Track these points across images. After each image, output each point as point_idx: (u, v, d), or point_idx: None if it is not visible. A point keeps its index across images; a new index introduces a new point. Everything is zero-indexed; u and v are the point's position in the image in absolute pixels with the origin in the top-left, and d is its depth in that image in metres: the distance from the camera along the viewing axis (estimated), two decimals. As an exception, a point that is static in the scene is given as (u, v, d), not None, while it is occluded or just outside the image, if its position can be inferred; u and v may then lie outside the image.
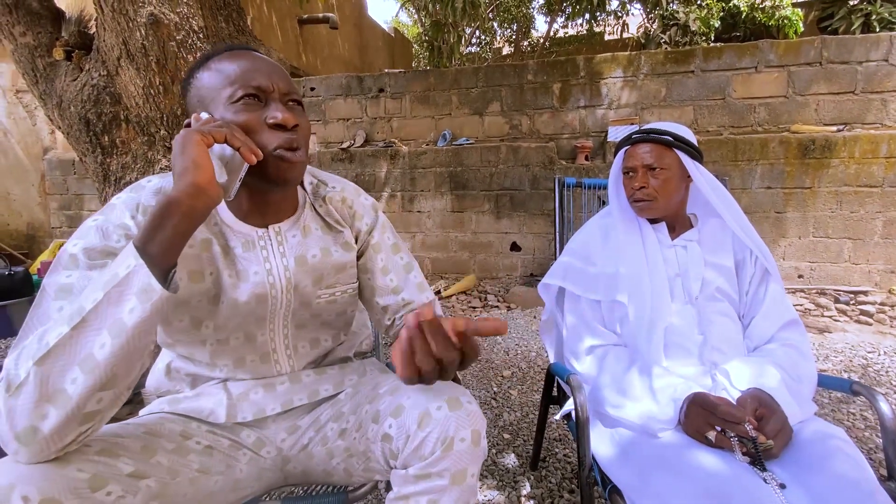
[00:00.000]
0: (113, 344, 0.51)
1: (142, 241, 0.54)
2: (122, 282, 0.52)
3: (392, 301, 0.83)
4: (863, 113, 3.45)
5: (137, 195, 0.68)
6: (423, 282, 0.86)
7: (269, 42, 4.99)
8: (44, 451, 0.50)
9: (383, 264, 0.84)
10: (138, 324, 0.52)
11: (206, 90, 0.67)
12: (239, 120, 0.64)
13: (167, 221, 0.54)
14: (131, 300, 0.51)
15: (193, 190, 0.55)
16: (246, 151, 0.60)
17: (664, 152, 1.03)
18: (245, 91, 0.65)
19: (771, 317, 1.00)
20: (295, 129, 0.67)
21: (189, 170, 0.56)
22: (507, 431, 1.73)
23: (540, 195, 3.81)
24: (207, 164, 0.57)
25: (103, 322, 0.51)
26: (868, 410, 1.84)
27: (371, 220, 0.84)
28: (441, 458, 0.61)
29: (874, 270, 3.27)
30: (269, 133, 0.65)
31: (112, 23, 1.40)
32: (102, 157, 1.63)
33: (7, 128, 4.55)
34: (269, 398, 0.78)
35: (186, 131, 0.59)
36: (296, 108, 0.70)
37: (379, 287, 0.83)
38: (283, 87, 0.68)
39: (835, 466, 0.70)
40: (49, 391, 0.49)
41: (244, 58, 0.69)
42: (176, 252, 0.56)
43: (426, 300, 0.84)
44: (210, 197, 0.57)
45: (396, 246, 0.86)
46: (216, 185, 0.58)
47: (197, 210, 0.56)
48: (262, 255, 0.74)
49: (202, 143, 0.58)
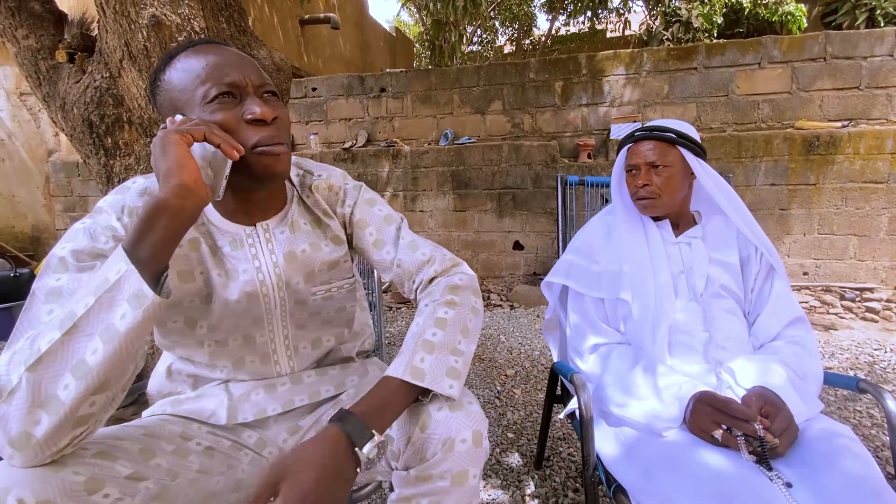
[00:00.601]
0: (105, 349, 0.50)
1: (131, 244, 0.53)
2: (112, 287, 0.51)
3: (396, 273, 0.80)
4: (868, 108, 3.42)
5: (123, 197, 0.68)
6: (414, 239, 0.81)
7: (270, 43, 4.99)
8: (38, 456, 0.50)
9: (374, 238, 0.81)
10: (130, 330, 0.51)
11: (177, 92, 0.65)
12: (216, 119, 0.63)
13: (156, 224, 0.54)
14: (122, 305, 0.51)
15: (181, 190, 0.55)
16: (227, 147, 0.60)
17: (667, 149, 1.02)
18: (219, 90, 0.63)
19: (776, 314, 0.99)
20: (274, 121, 0.66)
21: (174, 170, 0.55)
22: (510, 431, 1.73)
23: (542, 194, 3.80)
24: (191, 163, 0.57)
25: (95, 328, 0.50)
26: (875, 408, 1.83)
27: (353, 199, 0.82)
28: (442, 460, 0.61)
29: (880, 267, 3.25)
30: (248, 129, 0.64)
31: (114, 25, 1.40)
32: (106, 159, 1.63)
33: (11, 131, 4.57)
34: (270, 399, 0.78)
35: (164, 132, 0.57)
36: (272, 100, 0.68)
37: (378, 263, 0.81)
38: (255, 80, 0.66)
39: (841, 465, 0.69)
40: (41, 397, 0.49)
41: (210, 52, 0.66)
42: (167, 254, 0.56)
43: (433, 273, 0.77)
44: (199, 196, 0.56)
45: (389, 217, 0.82)
46: (203, 184, 0.57)
47: (186, 210, 0.55)
48: (251, 253, 0.73)
49: (182, 142, 0.57)
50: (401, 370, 0.62)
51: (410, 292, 0.80)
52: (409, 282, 0.79)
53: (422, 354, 0.64)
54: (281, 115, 0.67)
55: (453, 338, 0.67)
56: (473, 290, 0.76)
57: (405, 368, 0.62)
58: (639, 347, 1.00)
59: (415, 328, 0.70)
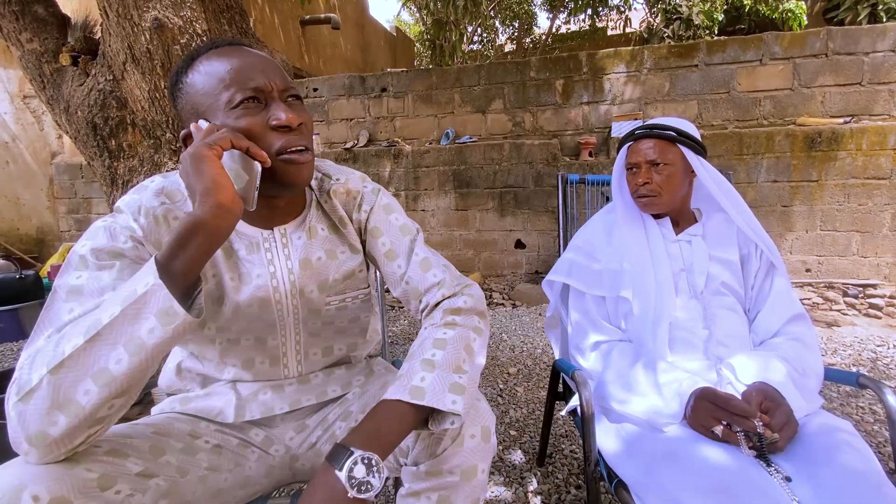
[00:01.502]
0: (131, 361, 0.51)
1: (165, 258, 0.54)
2: (139, 300, 0.51)
3: (403, 290, 0.77)
4: (870, 104, 3.41)
5: (140, 196, 0.67)
6: (427, 258, 0.77)
7: (271, 43, 5.00)
8: (54, 453, 0.51)
9: (387, 248, 0.77)
10: (159, 345, 0.52)
11: (200, 97, 0.64)
12: (241, 126, 0.61)
13: (192, 241, 0.53)
14: (150, 320, 0.51)
15: (219, 210, 0.54)
16: (255, 150, 0.60)
17: (667, 147, 1.03)
18: (244, 95, 0.62)
19: (776, 311, 0.99)
20: (300, 127, 0.65)
21: (211, 190, 0.54)
22: (513, 428, 1.74)
23: (544, 192, 3.81)
24: (227, 181, 0.56)
25: (118, 338, 0.51)
26: (877, 404, 1.83)
27: (370, 204, 0.79)
28: (451, 455, 0.62)
29: (883, 263, 3.24)
30: (273, 135, 0.63)
31: (117, 28, 1.42)
32: (110, 161, 1.64)
33: (15, 133, 4.60)
34: (278, 398, 0.79)
35: (196, 148, 0.56)
36: (296, 105, 0.67)
37: (388, 275, 0.78)
38: (280, 84, 0.65)
39: (841, 459, 0.70)
40: (60, 400, 0.49)
41: (234, 55, 0.65)
42: (197, 270, 0.56)
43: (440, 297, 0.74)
44: (234, 214, 0.56)
45: (406, 228, 0.79)
46: (239, 201, 0.57)
47: (222, 229, 0.55)
48: (267, 258, 0.72)
49: (215, 158, 0.56)
50: (399, 392, 0.59)
51: (416, 312, 0.77)
52: (416, 301, 0.76)
53: (422, 374, 0.60)
54: (305, 121, 0.66)
55: (456, 356, 0.64)
56: (477, 312, 0.73)
57: (404, 389, 0.59)
58: (640, 345, 1.00)
59: (414, 349, 0.67)
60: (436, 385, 0.59)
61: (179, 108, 0.68)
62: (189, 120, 0.66)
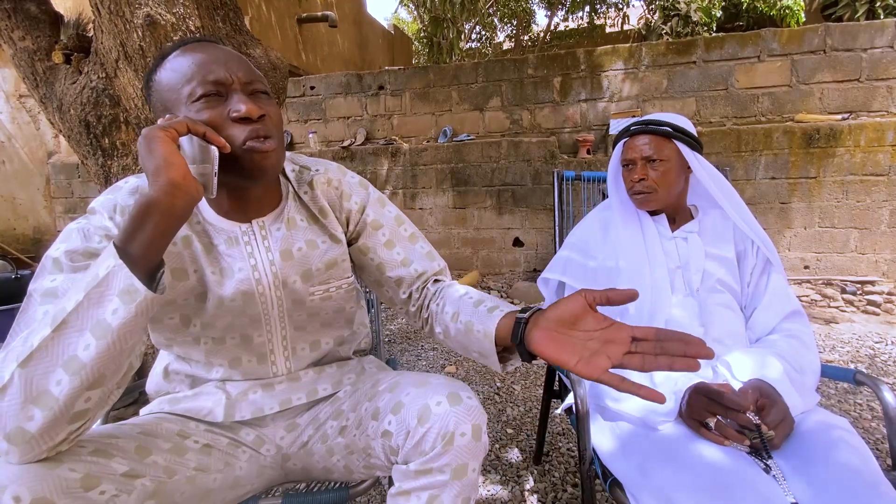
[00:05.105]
0: (98, 345, 0.50)
1: (122, 241, 0.54)
2: (101, 282, 0.51)
3: (404, 273, 0.81)
4: (868, 100, 3.41)
5: (114, 196, 0.68)
6: (431, 251, 0.85)
7: (268, 41, 4.99)
8: (34, 451, 0.50)
9: (387, 238, 0.81)
10: (123, 325, 0.51)
11: (166, 93, 0.65)
12: (202, 118, 0.62)
13: (147, 222, 0.54)
14: (113, 301, 0.51)
15: (170, 188, 0.54)
16: (212, 135, 0.60)
17: (663, 143, 1.02)
18: (204, 88, 0.63)
19: (773, 308, 0.99)
20: (262, 119, 0.65)
21: (161, 168, 0.54)
22: (510, 426, 1.73)
23: (542, 190, 3.80)
24: (179, 160, 0.56)
25: (85, 323, 0.50)
26: (875, 401, 1.83)
27: (361, 198, 0.82)
28: (442, 454, 0.61)
29: (881, 260, 3.24)
30: (235, 127, 0.63)
31: (109, 25, 1.40)
32: (103, 160, 1.63)
33: (11, 133, 4.58)
34: (268, 397, 0.78)
35: (148, 129, 0.57)
36: (260, 97, 0.67)
37: (386, 261, 0.81)
38: (243, 77, 0.65)
39: (837, 456, 0.70)
40: (34, 393, 0.49)
41: (198, 51, 0.66)
42: (158, 252, 0.56)
43: (438, 268, 0.83)
44: (189, 194, 0.56)
45: (399, 218, 0.84)
46: (193, 180, 0.57)
47: (177, 208, 0.55)
48: (247, 251, 0.73)
49: (167, 138, 0.56)
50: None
51: (412, 283, 0.81)
52: (414, 275, 0.81)
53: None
54: (269, 112, 0.66)
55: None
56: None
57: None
58: (635, 342, 1.00)
59: (457, 301, 0.74)
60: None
61: (152, 106, 0.69)
62: (159, 117, 0.67)
